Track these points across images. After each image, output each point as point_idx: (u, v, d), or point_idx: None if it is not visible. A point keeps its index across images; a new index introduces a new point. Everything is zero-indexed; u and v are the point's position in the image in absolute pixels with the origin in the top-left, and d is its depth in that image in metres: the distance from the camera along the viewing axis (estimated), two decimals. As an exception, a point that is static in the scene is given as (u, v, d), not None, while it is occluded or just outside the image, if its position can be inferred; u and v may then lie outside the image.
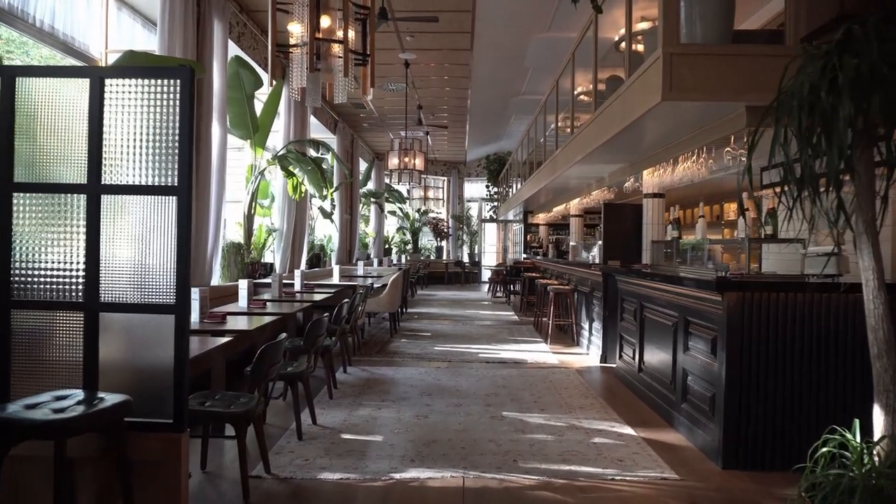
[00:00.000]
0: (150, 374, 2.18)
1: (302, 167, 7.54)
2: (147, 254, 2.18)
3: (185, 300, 2.18)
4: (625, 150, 5.11)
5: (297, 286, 6.45)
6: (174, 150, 2.18)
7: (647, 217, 5.53)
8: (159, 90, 2.18)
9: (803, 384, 3.18)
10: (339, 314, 4.61)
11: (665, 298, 4.16)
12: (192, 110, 2.21)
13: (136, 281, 2.19)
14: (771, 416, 3.19)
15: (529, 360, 6.25)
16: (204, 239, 5.65)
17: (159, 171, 2.20)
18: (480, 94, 10.84)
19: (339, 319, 4.62)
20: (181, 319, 2.16)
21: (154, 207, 2.20)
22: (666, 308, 4.17)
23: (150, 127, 2.18)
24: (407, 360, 6.12)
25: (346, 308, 4.74)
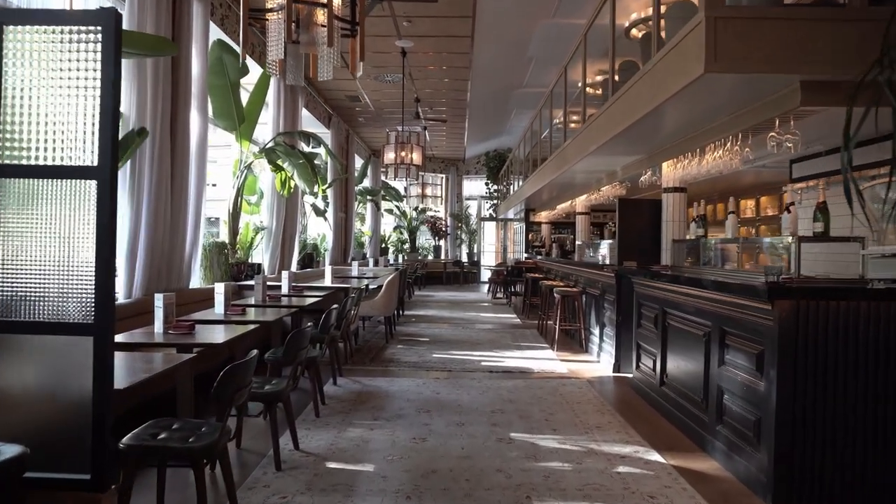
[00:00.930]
0: (60, 415, 1.69)
1: (291, 161, 7.05)
2: (59, 257, 1.69)
3: (107, 317, 1.69)
4: (644, 140, 4.63)
5: (284, 289, 5.96)
6: (94, 121, 1.68)
7: (666, 214, 5.06)
8: (76, 39, 1.68)
9: (877, 410, 2.70)
10: (326, 321, 4.12)
11: (694, 305, 3.68)
12: (118, 67, 1.72)
13: (42, 292, 1.70)
14: (832, 446, 2.71)
15: (536, 368, 5.77)
16: (181, 237, 5.15)
17: (74, 148, 1.70)
18: (481, 87, 10.35)
19: (327, 327, 4.13)
20: (102, 343, 1.67)
21: (67, 195, 1.70)
22: (695, 316, 3.69)
23: (63, 89, 1.69)
24: (403, 370, 5.63)
25: (334, 314, 4.26)
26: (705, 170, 4.23)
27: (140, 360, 2.75)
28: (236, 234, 6.92)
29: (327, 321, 4.13)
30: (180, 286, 5.19)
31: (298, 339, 3.19)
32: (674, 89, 3.09)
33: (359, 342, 7.10)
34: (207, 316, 4.06)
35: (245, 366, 2.36)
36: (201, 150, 5.56)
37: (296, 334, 3.17)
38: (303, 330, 3.23)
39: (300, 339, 3.21)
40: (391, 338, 7.43)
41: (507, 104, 11.80)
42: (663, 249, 5.15)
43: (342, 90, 10.29)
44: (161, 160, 4.75)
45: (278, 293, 5.82)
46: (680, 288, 3.89)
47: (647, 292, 4.59)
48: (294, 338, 3.16)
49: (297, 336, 3.18)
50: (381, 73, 9.32)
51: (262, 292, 5.05)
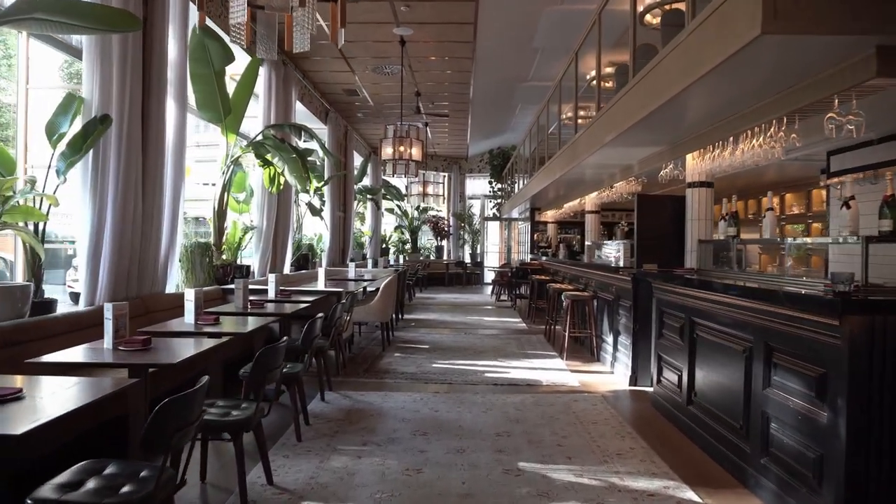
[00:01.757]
0: None
1: (282, 156, 6.58)
2: None
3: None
4: (668, 128, 4.14)
5: (271, 293, 5.49)
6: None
7: (691, 211, 4.56)
8: None
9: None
10: (310, 331, 3.64)
11: (732, 316, 3.19)
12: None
13: None
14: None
15: (545, 381, 5.29)
16: (155, 238, 4.68)
17: None
18: (484, 80, 9.87)
19: (310, 338, 3.65)
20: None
21: None
22: (733, 328, 3.20)
23: None
24: (399, 382, 5.15)
25: (319, 323, 3.78)
26: (739, 161, 3.73)
27: (76, 386, 2.27)
28: (222, 234, 6.45)
29: (311, 331, 3.64)
30: (155, 291, 4.73)
31: (268, 359, 2.71)
32: (713, 63, 2.60)
33: (353, 350, 6.62)
34: (174, 326, 3.58)
35: (185, 400, 1.88)
36: (179, 142, 5.09)
37: (265, 353, 2.68)
38: (274, 347, 2.75)
39: (270, 357, 2.72)
40: (388, 345, 6.95)
41: (512, 99, 11.31)
42: (687, 251, 4.66)
43: (339, 83, 9.82)
44: (130, 152, 4.27)
45: (264, 298, 5.35)
46: (713, 295, 3.39)
47: (671, 299, 4.10)
48: (263, 357, 2.68)
49: (266, 355, 2.69)
50: (380, 63, 8.84)
51: (243, 298, 4.57)
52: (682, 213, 4.75)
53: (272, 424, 3.88)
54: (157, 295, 4.69)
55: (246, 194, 7.54)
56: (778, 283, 3.08)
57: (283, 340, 2.87)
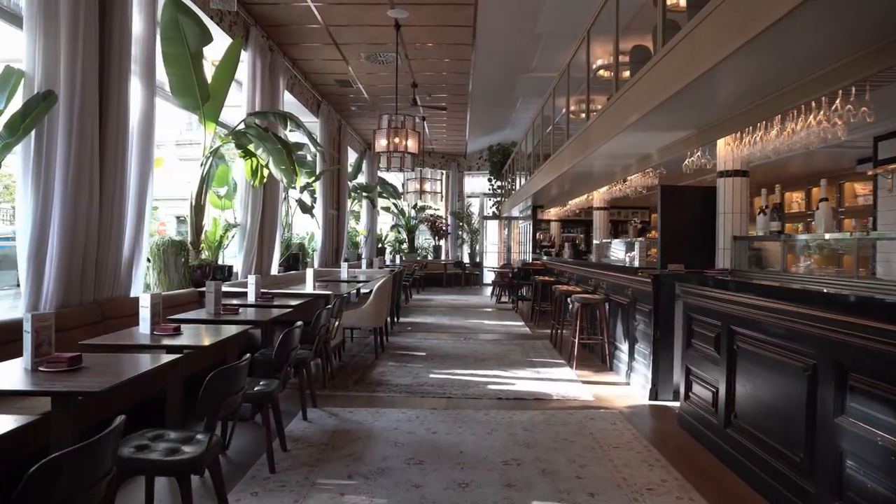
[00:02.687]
0: None
1: (266, 146, 6.04)
2: None
3: None
4: (697, 109, 3.62)
5: (251, 296, 4.95)
6: None
7: (723, 203, 4.03)
8: None
9: None
10: (285, 345, 3.10)
11: (788, 326, 2.67)
12: None
13: None
14: None
15: (554, 394, 4.75)
16: (116, 235, 4.14)
17: None
18: (484, 71, 9.34)
19: (285, 353, 3.12)
20: None
21: None
22: (789, 341, 2.68)
23: None
24: (393, 397, 4.62)
25: (297, 334, 3.24)
26: (786, 144, 3.21)
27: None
28: (200, 232, 5.90)
29: (287, 343, 3.11)
30: (117, 294, 4.19)
31: (222, 382, 2.16)
32: (757, 28, 2.08)
33: (343, 358, 6.09)
34: (125, 338, 3.04)
35: (86, 453, 1.34)
36: (146, 127, 4.55)
37: (218, 375, 2.13)
38: (230, 368, 2.21)
39: (224, 381, 2.18)
40: (382, 352, 6.41)
41: (513, 92, 10.80)
42: (719, 249, 4.13)
43: (331, 73, 9.28)
44: (83, 136, 3.73)
45: (242, 303, 4.81)
46: (761, 301, 2.87)
47: (704, 304, 3.57)
48: (216, 380, 2.13)
49: (220, 378, 2.14)
50: (374, 51, 8.30)
51: (214, 303, 4.03)
52: (711, 206, 4.22)
53: (242, 451, 3.34)
54: (118, 299, 4.14)
55: (228, 189, 7.00)
56: (844, 287, 2.56)
57: (245, 358, 2.33)
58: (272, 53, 7.47)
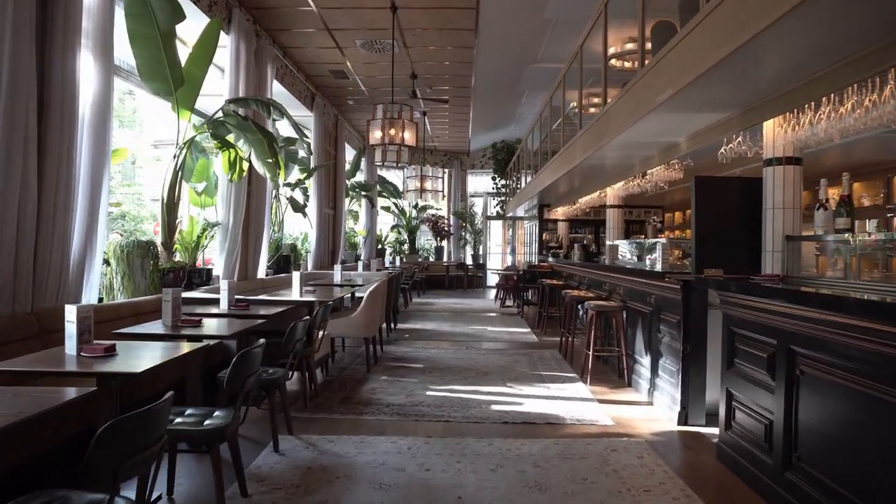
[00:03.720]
0: None
1: (247, 137, 5.47)
2: None
3: None
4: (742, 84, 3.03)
5: (223, 304, 4.38)
6: None
7: (771, 197, 3.42)
8: None
9: None
10: (241, 368, 2.50)
11: (878, 350, 2.06)
12: None
13: None
14: None
15: (568, 416, 4.15)
16: (60, 235, 3.57)
17: None
18: (488, 60, 8.76)
19: (240, 378, 2.52)
20: None
21: None
22: (881, 369, 2.07)
23: None
24: (383, 420, 4.02)
25: (256, 356, 2.64)
26: (861, 123, 2.61)
27: None
28: (173, 232, 5.33)
29: (242, 368, 2.51)
30: (61, 304, 3.61)
31: (126, 434, 1.56)
32: None
33: (330, 371, 5.50)
34: (41, 362, 2.45)
35: None
36: (101, 112, 3.98)
37: (114, 427, 1.53)
38: (152, 413, 1.61)
39: (128, 433, 1.57)
40: (374, 364, 5.82)
41: (518, 84, 10.22)
42: (766, 251, 3.52)
43: (325, 62, 8.70)
44: (13, 119, 3.16)
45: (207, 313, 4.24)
46: (835, 317, 2.26)
47: (751, 317, 2.97)
48: (110, 434, 1.52)
49: (120, 429, 1.54)
50: (370, 38, 7.72)
51: (172, 313, 3.45)
52: (755, 200, 3.61)
53: (194, 496, 2.76)
54: (62, 309, 3.56)
55: (209, 185, 6.43)
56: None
57: (165, 398, 1.74)
58: (259, 39, 6.91)
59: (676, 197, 10.93)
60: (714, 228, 3.90)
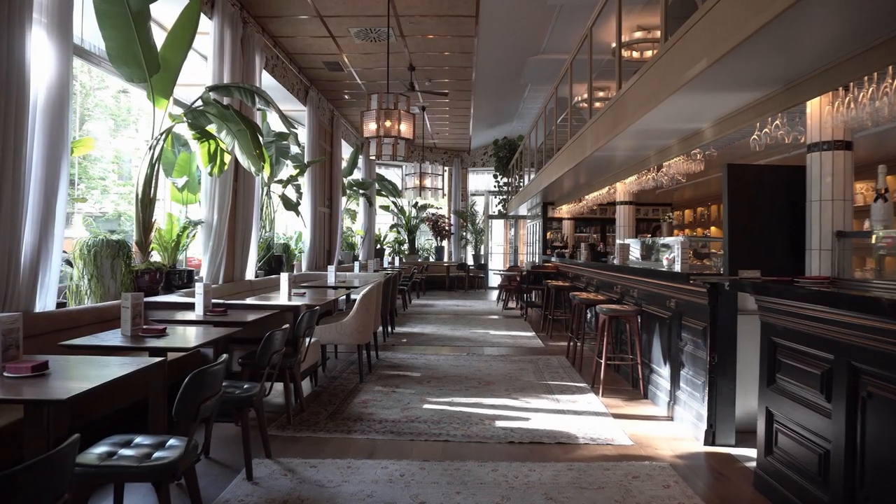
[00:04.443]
0: None
1: (230, 128, 5.04)
2: None
3: None
4: (789, 55, 2.60)
5: (198, 309, 3.96)
6: None
7: (818, 187, 2.99)
8: None
9: None
10: (192, 392, 2.07)
11: None
12: None
13: None
14: None
15: (581, 434, 3.72)
16: (6, 235, 3.15)
17: None
18: (490, 51, 8.35)
19: (193, 403, 2.08)
20: None
21: None
22: None
23: None
24: (374, 440, 3.60)
25: (216, 375, 2.21)
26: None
27: None
28: (149, 230, 4.92)
29: (194, 391, 2.07)
30: (12, 310, 3.20)
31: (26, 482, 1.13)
32: None
33: (320, 382, 5.07)
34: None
35: None
36: (58, 97, 3.57)
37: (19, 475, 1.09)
38: (52, 459, 1.19)
39: (27, 480, 1.14)
40: (369, 373, 5.40)
41: (521, 77, 9.81)
42: (810, 249, 3.09)
43: (319, 53, 8.28)
44: (-56, 97, 2.74)
45: (177, 319, 3.82)
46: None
47: (799, 326, 2.54)
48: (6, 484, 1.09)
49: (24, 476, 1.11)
50: (365, 26, 7.29)
51: (131, 321, 3.03)
52: (797, 191, 3.19)
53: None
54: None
55: (191, 181, 6.01)
56: None
57: (68, 443, 1.32)
58: (246, 26, 6.49)
59: (686, 194, 10.51)
60: (748, 224, 3.47)
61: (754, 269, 3.02)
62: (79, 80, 15.26)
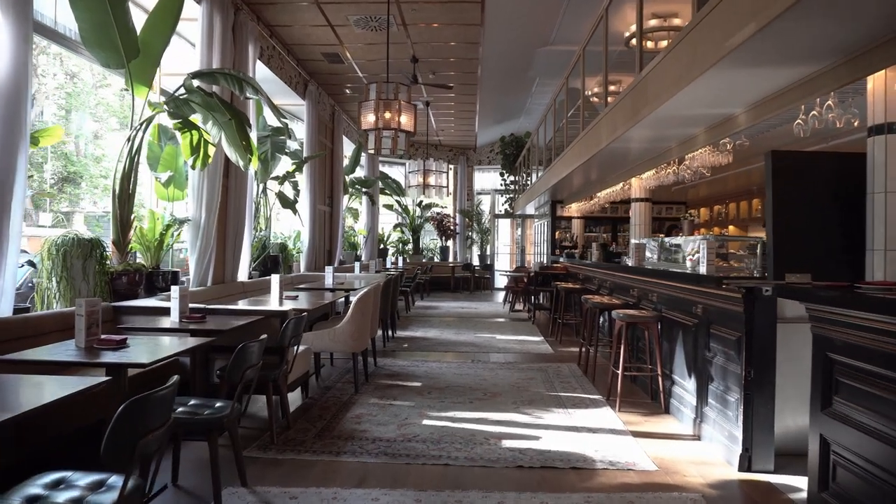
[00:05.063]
0: None
1: (215, 118, 4.68)
2: None
3: None
4: (862, 12, 2.19)
5: (174, 315, 3.59)
6: None
7: (880, 178, 2.56)
8: None
9: None
10: (130, 423, 1.67)
11: None
12: None
13: None
14: None
15: (598, 458, 3.32)
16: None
17: None
18: (496, 41, 7.94)
19: (132, 440, 1.69)
20: None
21: None
22: None
23: None
24: (366, 464, 3.20)
25: (157, 402, 1.81)
26: None
27: None
28: (128, 228, 4.56)
29: (131, 421, 1.68)
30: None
31: None
32: None
33: (311, 392, 4.69)
34: None
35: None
36: (14, 81, 3.22)
37: None
38: None
39: None
40: (365, 382, 5.01)
41: (529, 70, 9.39)
42: (873, 249, 2.68)
43: (317, 44, 7.91)
44: None
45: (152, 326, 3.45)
46: None
47: (868, 342, 2.13)
48: None
49: None
50: (364, 13, 6.91)
51: (86, 333, 2.66)
52: (854, 182, 2.77)
53: None
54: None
55: (178, 176, 5.64)
56: None
57: None
58: (238, 13, 6.12)
59: (702, 192, 10.06)
60: (795, 220, 3.05)
61: (802, 271, 2.60)
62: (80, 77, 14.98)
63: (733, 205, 9.09)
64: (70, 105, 14.74)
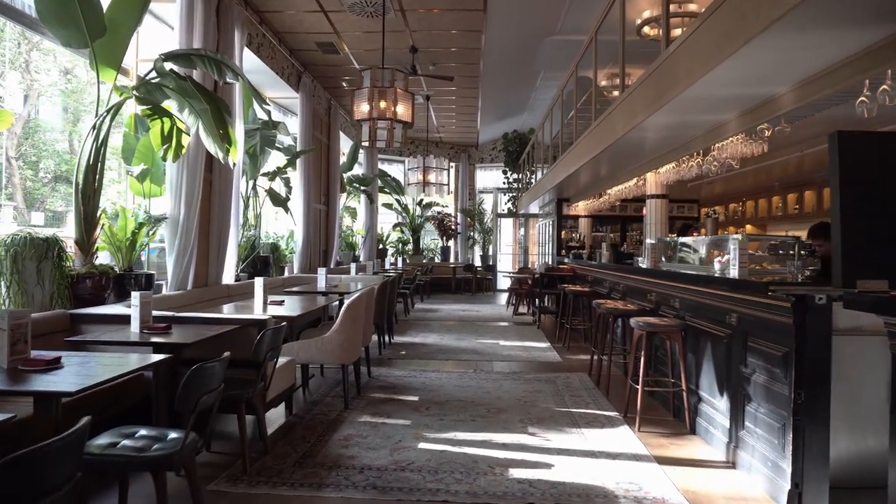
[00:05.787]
0: None
1: (192, 105, 4.23)
2: None
3: None
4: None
5: (133, 325, 3.15)
6: None
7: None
8: None
9: None
10: (18, 480, 1.24)
11: None
12: None
13: None
14: None
15: (620, 490, 2.86)
16: None
17: None
18: (499, 30, 7.49)
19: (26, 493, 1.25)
20: None
21: None
22: None
23: None
24: (351, 498, 2.75)
25: (66, 450, 1.38)
26: None
27: None
28: (93, 227, 4.11)
29: (28, 470, 1.24)
30: None
31: None
32: None
33: (296, 410, 4.23)
34: None
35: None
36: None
37: None
38: None
39: None
40: (357, 396, 4.56)
41: (534, 63, 8.93)
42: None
43: (311, 32, 7.46)
44: None
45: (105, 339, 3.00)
46: None
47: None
48: None
49: None
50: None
51: (9, 351, 2.21)
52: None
53: None
54: None
55: (155, 170, 5.19)
56: None
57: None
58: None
59: (717, 189, 9.59)
60: (868, 216, 2.59)
61: (875, 276, 2.15)
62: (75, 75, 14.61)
63: (751, 203, 8.62)
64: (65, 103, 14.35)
